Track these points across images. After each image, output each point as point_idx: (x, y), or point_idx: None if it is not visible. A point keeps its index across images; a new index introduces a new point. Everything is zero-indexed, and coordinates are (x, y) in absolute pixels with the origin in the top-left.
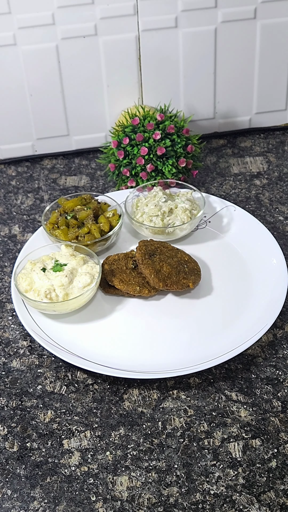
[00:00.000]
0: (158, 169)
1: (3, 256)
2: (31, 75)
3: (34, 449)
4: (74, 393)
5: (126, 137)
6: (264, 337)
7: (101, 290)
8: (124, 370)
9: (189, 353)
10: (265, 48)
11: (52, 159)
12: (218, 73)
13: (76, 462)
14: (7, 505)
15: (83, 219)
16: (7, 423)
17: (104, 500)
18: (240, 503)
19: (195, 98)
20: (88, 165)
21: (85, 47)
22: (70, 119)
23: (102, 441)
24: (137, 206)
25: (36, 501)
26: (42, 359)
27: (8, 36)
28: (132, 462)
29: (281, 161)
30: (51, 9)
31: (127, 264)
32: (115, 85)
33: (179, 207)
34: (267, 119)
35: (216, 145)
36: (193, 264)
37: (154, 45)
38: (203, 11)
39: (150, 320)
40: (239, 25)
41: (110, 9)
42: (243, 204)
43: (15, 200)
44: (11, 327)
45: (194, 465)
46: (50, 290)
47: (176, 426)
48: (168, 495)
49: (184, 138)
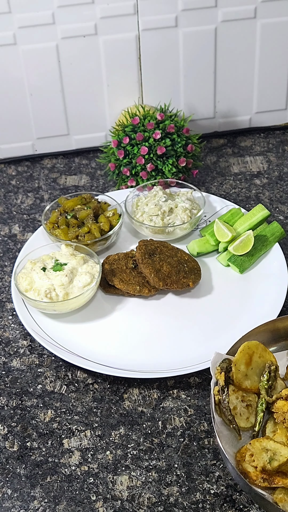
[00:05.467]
0: (158, 168)
1: (3, 255)
2: (31, 74)
3: (34, 449)
4: (74, 392)
5: (126, 137)
6: None
7: (101, 289)
8: (124, 369)
9: (189, 352)
10: (265, 48)
11: (52, 159)
12: (218, 73)
13: (76, 462)
14: (7, 504)
15: (83, 218)
16: (7, 423)
17: (104, 499)
18: (240, 502)
19: (195, 97)
20: (88, 164)
21: (85, 46)
22: (70, 118)
23: (102, 441)
24: (137, 206)
25: (36, 501)
26: (42, 358)
27: (8, 35)
28: (132, 461)
29: (281, 161)
30: (51, 9)
31: (127, 264)
32: (115, 85)
33: (179, 206)
34: (267, 119)
35: (216, 145)
36: (193, 263)
37: (154, 44)
38: (203, 11)
39: (150, 320)
40: (239, 24)
41: (110, 9)
42: (243, 203)
43: (15, 199)
44: (11, 326)
45: (194, 464)
46: (50, 289)
47: (176, 426)
48: (168, 495)
49: (184, 138)
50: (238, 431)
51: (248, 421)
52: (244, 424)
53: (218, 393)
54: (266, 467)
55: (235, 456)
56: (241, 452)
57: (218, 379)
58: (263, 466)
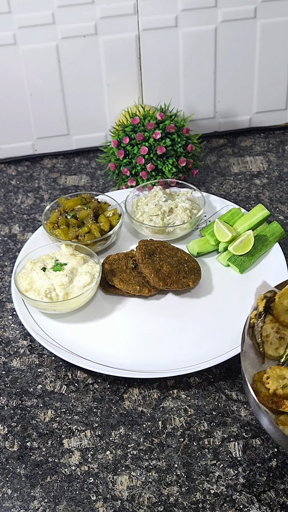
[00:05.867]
0: (158, 168)
1: (3, 255)
2: (31, 74)
3: (34, 449)
4: (74, 392)
5: (126, 137)
6: None
7: (101, 289)
8: (124, 369)
9: (189, 352)
10: (265, 48)
11: (52, 159)
12: (218, 73)
13: (76, 462)
14: (7, 504)
15: (83, 218)
16: (7, 423)
17: (104, 499)
18: (240, 502)
19: (195, 97)
20: (88, 164)
21: (85, 46)
22: (70, 118)
23: (102, 441)
24: (137, 206)
25: (36, 501)
26: (42, 358)
27: (8, 35)
28: (132, 461)
29: (281, 161)
30: (51, 9)
31: (127, 264)
32: (115, 85)
33: (179, 206)
34: (267, 119)
35: (216, 145)
36: (193, 263)
37: (154, 44)
38: (203, 11)
39: (150, 320)
40: (239, 24)
41: (110, 9)
42: (243, 203)
43: (15, 199)
44: (11, 326)
45: (194, 464)
46: (50, 289)
47: (176, 426)
48: (168, 495)
49: (184, 138)
50: (263, 355)
51: (276, 351)
52: (272, 353)
53: (255, 317)
54: (278, 391)
55: (253, 375)
56: (260, 373)
57: (259, 305)
58: (275, 389)
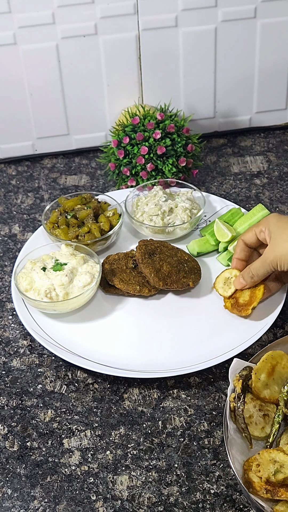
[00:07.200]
0: (158, 168)
1: (3, 255)
2: (31, 74)
3: (34, 449)
4: (74, 392)
5: (126, 137)
6: (264, 337)
7: (101, 289)
8: (124, 369)
9: (189, 352)
10: (265, 48)
11: (52, 158)
12: (218, 72)
13: (76, 462)
14: (7, 504)
15: (83, 218)
16: (7, 423)
17: (104, 499)
18: (240, 502)
19: (195, 97)
20: (88, 164)
21: (85, 46)
22: (70, 118)
23: (102, 441)
24: (137, 206)
25: (36, 500)
26: (42, 358)
27: (8, 35)
28: (132, 461)
29: (281, 161)
30: (51, 8)
31: (127, 264)
32: (115, 85)
33: (179, 206)
34: (267, 118)
35: (216, 145)
36: (193, 263)
37: (155, 44)
38: (203, 10)
39: (150, 320)
40: (239, 24)
41: (110, 8)
42: (243, 203)
43: (15, 199)
44: (11, 326)
45: (194, 464)
46: (50, 289)
47: (176, 426)
48: (168, 495)
49: (184, 137)
50: (250, 440)
51: (263, 430)
52: (259, 434)
53: (234, 400)
54: (270, 478)
55: (243, 464)
56: (249, 461)
57: (236, 386)
58: (268, 477)
